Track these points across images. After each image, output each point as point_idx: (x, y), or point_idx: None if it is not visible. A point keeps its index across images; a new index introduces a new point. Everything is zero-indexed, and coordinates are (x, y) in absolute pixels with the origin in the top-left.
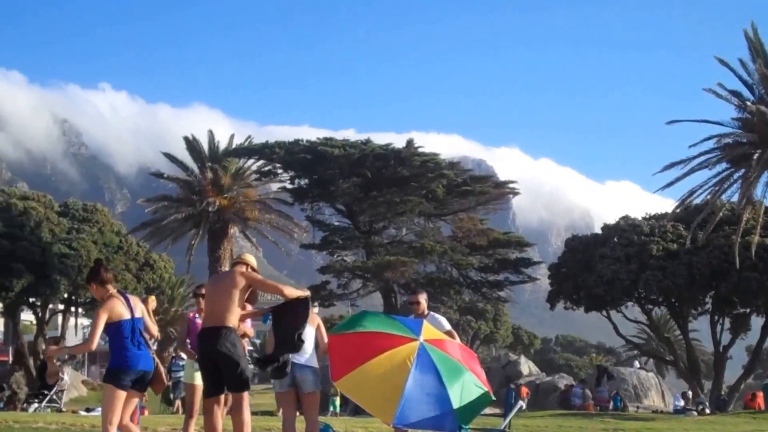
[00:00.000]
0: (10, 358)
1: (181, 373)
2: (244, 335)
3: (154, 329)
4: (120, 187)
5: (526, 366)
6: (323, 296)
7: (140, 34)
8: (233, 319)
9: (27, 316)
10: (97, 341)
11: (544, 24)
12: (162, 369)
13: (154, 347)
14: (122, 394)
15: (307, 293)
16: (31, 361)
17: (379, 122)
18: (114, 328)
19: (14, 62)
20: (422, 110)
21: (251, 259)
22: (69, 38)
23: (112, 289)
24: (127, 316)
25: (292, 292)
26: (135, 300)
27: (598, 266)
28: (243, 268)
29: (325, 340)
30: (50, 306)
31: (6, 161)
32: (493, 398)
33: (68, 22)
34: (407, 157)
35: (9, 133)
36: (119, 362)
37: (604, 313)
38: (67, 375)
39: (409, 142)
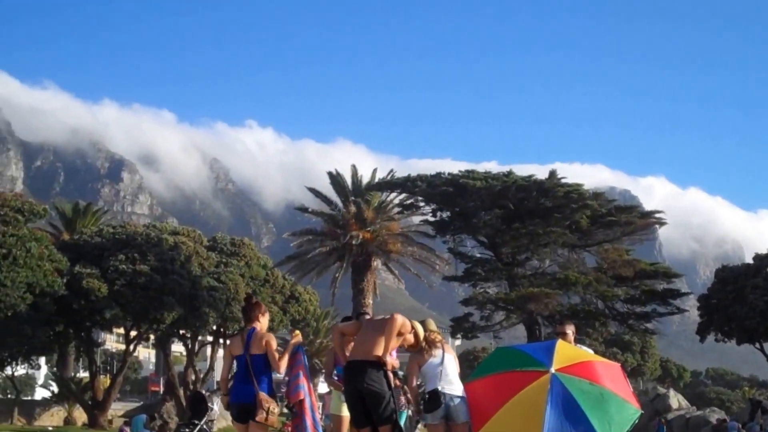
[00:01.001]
0: (162, 389)
1: None
2: (392, 368)
3: (276, 364)
4: (266, 221)
5: (676, 399)
6: (466, 328)
7: (285, 75)
8: (380, 354)
9: (177, 348)
10: (220, 373)
11: (687, 49)
12: (262, 401)
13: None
14: (238, 426)
15: None
16: (181, 392)
17: (522, 154)
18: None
19: (165, 102)
20: (565, 141)
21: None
22: (217, 78)
23: (247, 325)
24: (239, 352)
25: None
26: (259, 336)
27: (751, 297)
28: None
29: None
30: (199, 338)
31: (157, 198)
32: (641, 411)
33: (217, 63)
34: (550, 188)
35: (161, 171)
36: (230, 396)
37: (757, 345)
38: (217, 405)
39: (552, 173)
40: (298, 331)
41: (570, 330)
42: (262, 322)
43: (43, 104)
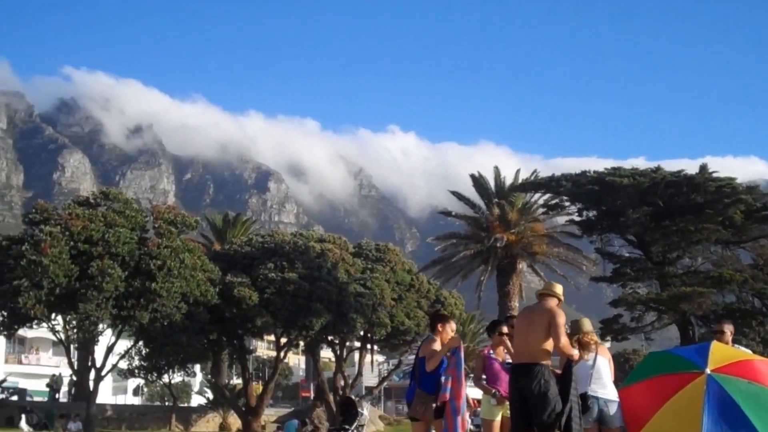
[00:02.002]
0: (312, 394)
1: None
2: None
3: (428, 364)
4: (409, 226)
5: None
6: (616, 330)
7: (427, 79)
8: (546, 356)
9: (326, 354)
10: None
11: None
12: (419, 398)
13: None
14: (414, 424)
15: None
16: (331, 397)
17: (670, 149)
18: None
19: (308, 111)
20: (716, 133)
21: (559, 289)
22: (358, 85)
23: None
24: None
25: (568, 348)
26: (428, 341)
27: None
28: (554, 303)
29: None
30: (347, 343)
31: (303, 206)
32: None
33: (357, 70)
34: (701, 183)
35: (306, 180)
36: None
37: None
38: (366, 410)
39: (703, 168)
40: (456, 335)
41: (728, 329)
42: (442, 331)
43: (193, 119)
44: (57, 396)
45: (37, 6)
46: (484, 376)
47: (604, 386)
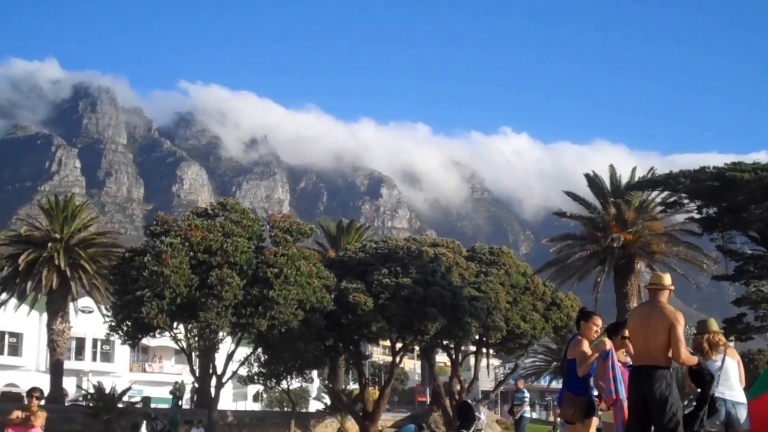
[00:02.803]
0: (428, 399)
1: (525, 408)
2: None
3: (580, 369)
4: (522, 228)
5: None
6: (739, 330)
7: (537, 78)
8: (668, 359)
9: (441, 358)
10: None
11: None
12: (567, 400)
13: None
14: (569, 427)
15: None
16: (447, 401)
17: None
18: None
19: (420, 115)
20: None
21: (667, 280)
22: (467, 87)
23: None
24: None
25: (689, 359)
26: (575, 342)
27: None
28: (666, 296)
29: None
30: (462, 348)
31: (416, 211)
32: None
33: (466, 72)
34: None
35: (419, 185)
36: None
37: None
38: (484, 414)
39: None
40: (605, 338)
41: None
42: (586, 329)
43: (306, 129)
44: (180, 403)
45: (153, 24)
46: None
47: (732, 388)
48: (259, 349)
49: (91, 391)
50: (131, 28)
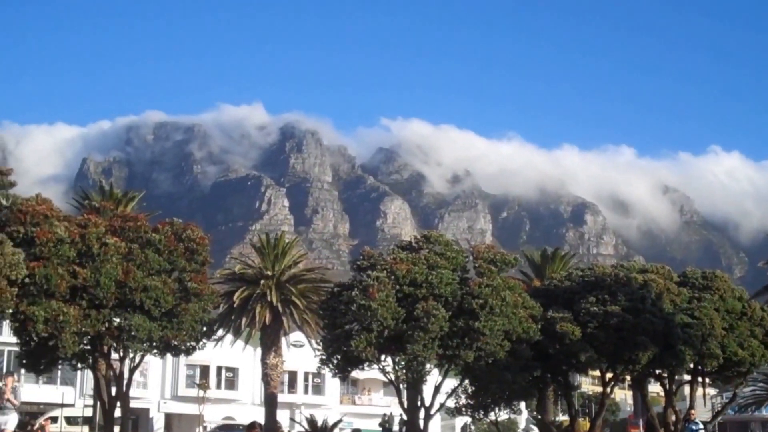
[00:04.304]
0: (641, 431)
1: None
2: None
3: None
4: (736, 251)
5: None
6: None
7: (740, 86)
8: None
9: (654, 388)
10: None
11: None
12: None
13: None
14: None
15: None
16: None
17: None
18: None
19: (624, 138)
20: None
21: None
22: (672, 107)
23: None
24: None
25: None
26: None
27: None
28: None
29: None
30: (676, 377)
31: (622, 237)
32: None
33: (667, 92)
34: None
35: (624, 210)
36: None
37: None
38: None
39: None
40: None
41: None
42: None
43: (508, 159)
44: None
45: (352, 64)
46: None
47: None
48: (466, 381)
49: (305, 423)
50: (331, 69)
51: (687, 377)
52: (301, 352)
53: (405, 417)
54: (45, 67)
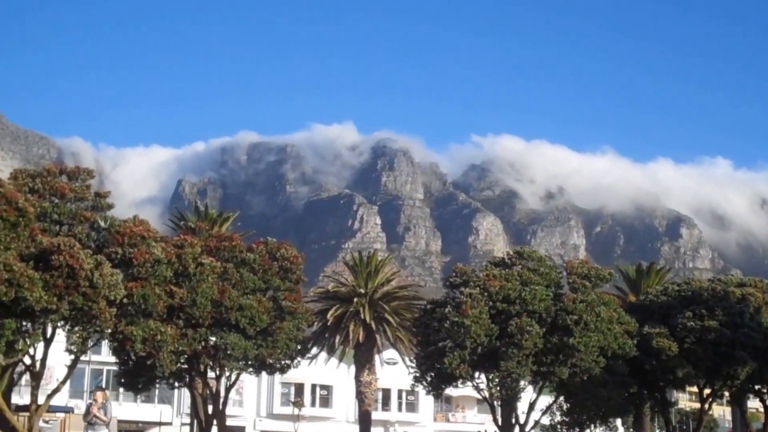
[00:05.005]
0: None
1: None
2: None
3: None
4: None
5: None
6: None
7: None
8: None
9: (754, 404)
10: None
11: None
12: None
13: None
14: None
15: None
16: None
17: None
18: None
19: (720, 150)
20: None
21: None
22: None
23: None
24: None
25: None
26: None
27: None
28: None
29: None
30: None
31: (718, 250)
32: None
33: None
34: None
35: (720, 222)
36: None
37: None
38: None
39: None
40: None
41: None
42: None
43: (602, 174)
44: None
45: (443, 82)
46: None
47: None
48: (561, 398)
49: None
50: (421, 86)
51: None
52: (394, 370)
53: None
54: (141, 91)
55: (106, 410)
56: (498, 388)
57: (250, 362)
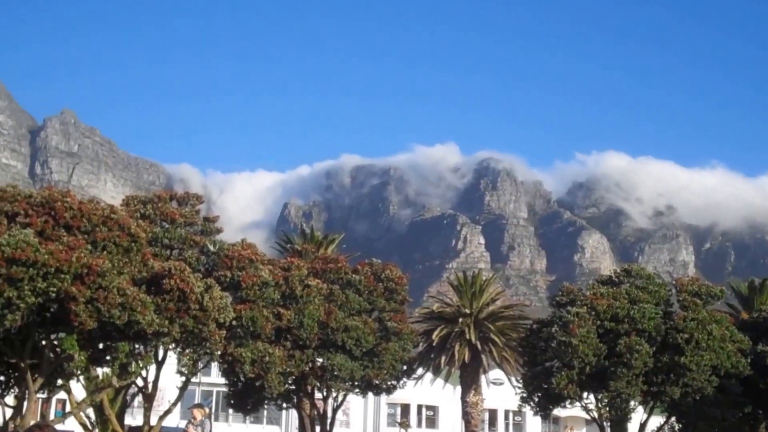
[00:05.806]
0: None
1: None
2: None
3: None
4: None
5: None
6: None
7: None
8: None
9: None
10: None
11: None
12: None
13: None
14: None
15: None
16: None
17: None
18: None
19: None
20: None
21: None
22: None
23: None
24: None
25: None
26: None
27: None
28: None
29: None
30: None
31: None
32: None
33: None
34: None
35: None
36: None
37: None
38: None
39: None
40: None
41: None
42: None
43: (711, 190)
44: None
45: (541, 101)
46: None
47: None
48: (673, 418)
49: None
50: (522, 105)
51: None
52: (500, 390)
53: None
54: (247, 117)
55: (203, 427)
56: (607, 408)
57: (356, 383)
